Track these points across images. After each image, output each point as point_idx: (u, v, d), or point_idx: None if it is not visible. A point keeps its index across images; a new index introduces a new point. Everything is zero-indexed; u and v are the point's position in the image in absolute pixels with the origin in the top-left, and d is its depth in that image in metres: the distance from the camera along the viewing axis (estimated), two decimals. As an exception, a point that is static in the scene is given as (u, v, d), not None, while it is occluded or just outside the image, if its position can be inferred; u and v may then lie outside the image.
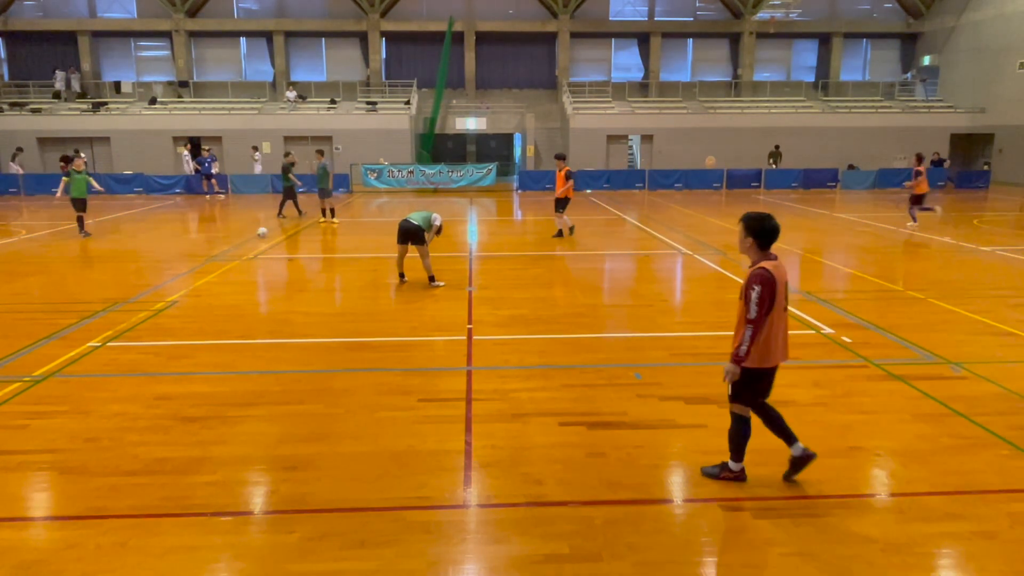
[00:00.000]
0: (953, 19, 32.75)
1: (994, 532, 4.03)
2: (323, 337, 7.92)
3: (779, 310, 4.28)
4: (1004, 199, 24.31)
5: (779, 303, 4.26)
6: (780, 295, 4.24)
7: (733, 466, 4.58)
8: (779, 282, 4.22)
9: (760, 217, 4.23)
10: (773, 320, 4.24)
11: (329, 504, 4.35)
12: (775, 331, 4.28)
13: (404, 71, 34.81)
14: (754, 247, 4.25)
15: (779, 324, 4.31)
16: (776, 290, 4.19)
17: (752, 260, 4.30)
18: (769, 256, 4.28)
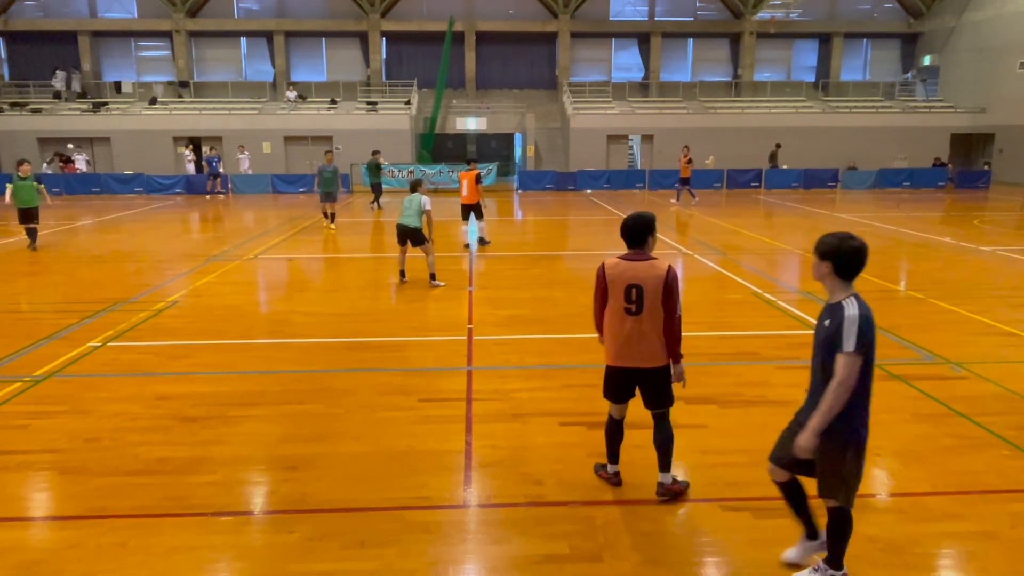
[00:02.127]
0: (953, 19, 32.74)
1: (995, 532, 4.03)
2: (323, 337, 7.92)
3: (615, 308, 4.15)
4: (1005, 199, 24.30)
5: (613, 299, 4.14)
6: (612, 292, 4.14)
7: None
8: (611, 280, 4.14)
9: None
10: (608, 316, 4.21)
11: (329, 504, 4.34)
12: (611, 329, 4.22)
13: (404, 71, 34.82)
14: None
15: (613, 322, 4.18)
16: (604, 285, 4.16)
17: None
18: (630, 252, 4.13)
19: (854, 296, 3.18)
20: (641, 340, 4.11)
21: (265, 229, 17.26)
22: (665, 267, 4.07)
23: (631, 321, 4.10)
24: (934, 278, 11.10)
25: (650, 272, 4.05)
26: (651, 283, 4.03)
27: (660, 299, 4.04)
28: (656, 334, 4.11)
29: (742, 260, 12.56)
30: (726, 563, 3.79)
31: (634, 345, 4.12)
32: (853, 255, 3.14)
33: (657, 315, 4.08)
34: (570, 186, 28.09)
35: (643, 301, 4.05)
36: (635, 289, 4.05)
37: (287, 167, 29.92)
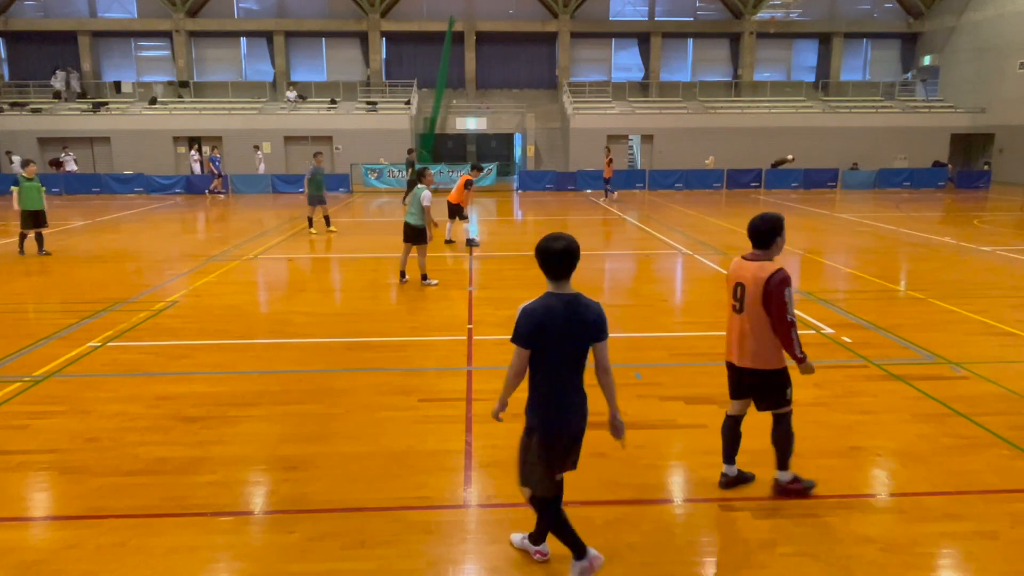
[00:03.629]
0: (953, 19, 32.74)
1: (995, 532, 4.03)
2: (323, 337, 7.92)
3: (728, 304, 4.33)
4: (1005, 199, 24.30)
5: (728, 298, 4.32)
6: (728, 290, 4.32)
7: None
8: (727, 277, 4.34)
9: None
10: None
11: (329, 504, 4.35)
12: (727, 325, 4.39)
13: (404, 71, 34.82)
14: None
15: (728, 318, 4.34)
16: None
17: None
18: (751, 252, 4.27)
19: (546, 294, 3.31)
20: (743, 339, 4.18)
21: (265, 229, 17.26)
22: (771, 270, 4.05)
23: (736, 319, 4.22)
24: (934, 278, 11.10)
25: (756, 273, 4.09)
26: (752, 284, 4.08)
27: (759, 301, 4.05)
28: (756, 335, 4.13)
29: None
30: (726, 563, 3.79)
31: (737, 342, 4.23)
32: (540, 254, 3.26)
33: (759, 316, 4.09)
34: (570, 186, 28.10)
35: (744, 300, 4.13)
36: (739, 287, 4.16)
37: (287, 167, 29.92)
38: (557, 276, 3.26)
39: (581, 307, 3.26)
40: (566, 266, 3.23)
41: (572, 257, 3.23)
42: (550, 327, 3.22)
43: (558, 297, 3.26)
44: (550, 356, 3.28)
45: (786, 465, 4.39)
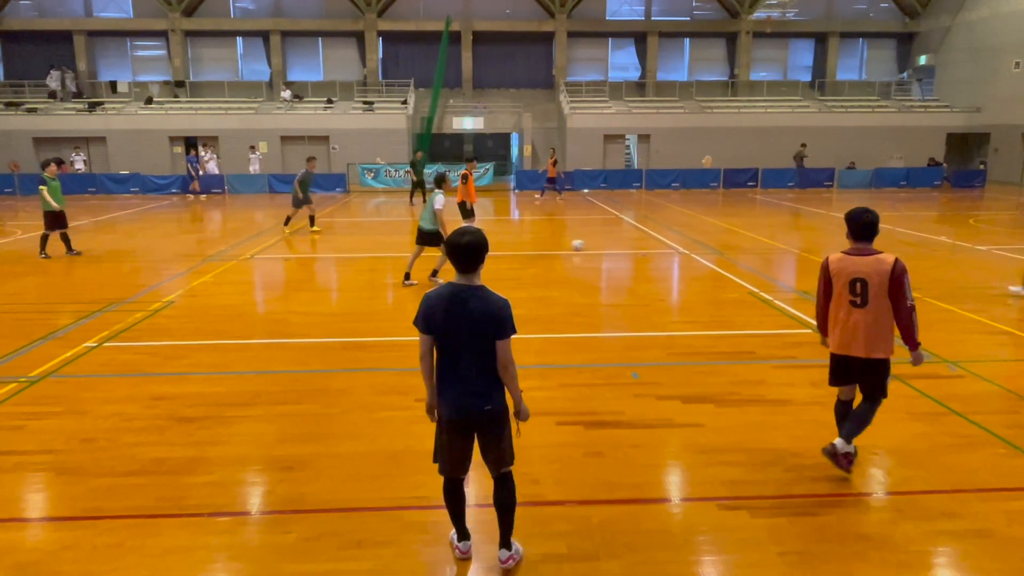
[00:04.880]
0: (949, 19, 32.81)
1: (990, 530, 4.04)
2: (320, 337, 7.91)
3: (839, 300, 4.40)
4: (1000, 198, 24.37)
5: (837, 293, 4.40)
6: (839, 286, 4.39)
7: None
8: (835, 274, 4.40)
9: (851, 211, 4.42)
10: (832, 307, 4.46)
11: (326, 504, 4.34)
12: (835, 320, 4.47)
13: (401, 71, 34.78)
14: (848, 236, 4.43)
15: (838, 314, 4.42)
16: (828, 279, 4.44)
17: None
18: (852, 248, 4.42)
19: (449, 283, 3.52)
20: (868, 331, 4.33)
21: (261, 229, 17.24)
22: (892, 261, 4.25)
23: (857, 313, 4.32)
24: (930, 277, 11.12)
25: (876, 267, 4.26)
26: (876, 277, 4.25)
27: (886, 292, 4.25)
28: (879, 326, 4.32)
29: (739, 259, 12.58)
30: (722, 562, 3.79)
31: (857, 336, 4.35)
32: (447, 247, 3.48)
33: (883, 307, 4.28)
34: (567, 185, 28.09)
35: (868, 294, 4.26)
36: (859, 283, 4.28)
37: (283, 167, 29.87)
38: (461, 268, 3.43)
39: (474, 299, 3.40)
40: (469, 260, 3.40)
41: (475, 251, 3.41)
42: (438, 313, 3.44)
43: (455, 287, 3.44)
44: (443, 342, 3.47)
45: (851, 439, 4.56)
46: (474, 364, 3.45)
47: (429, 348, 3.55)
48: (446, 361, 3.50)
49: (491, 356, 3.44)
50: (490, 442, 3.59)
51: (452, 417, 3.53)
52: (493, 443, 3.59)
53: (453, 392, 3.49)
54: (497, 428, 3.57)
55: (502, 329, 3.41)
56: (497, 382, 3.50)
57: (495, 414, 3.52)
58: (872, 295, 4.27)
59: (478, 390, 3.47)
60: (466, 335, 3.42)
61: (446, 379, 3.51)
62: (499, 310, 3.41)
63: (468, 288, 3.43)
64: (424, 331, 3.52)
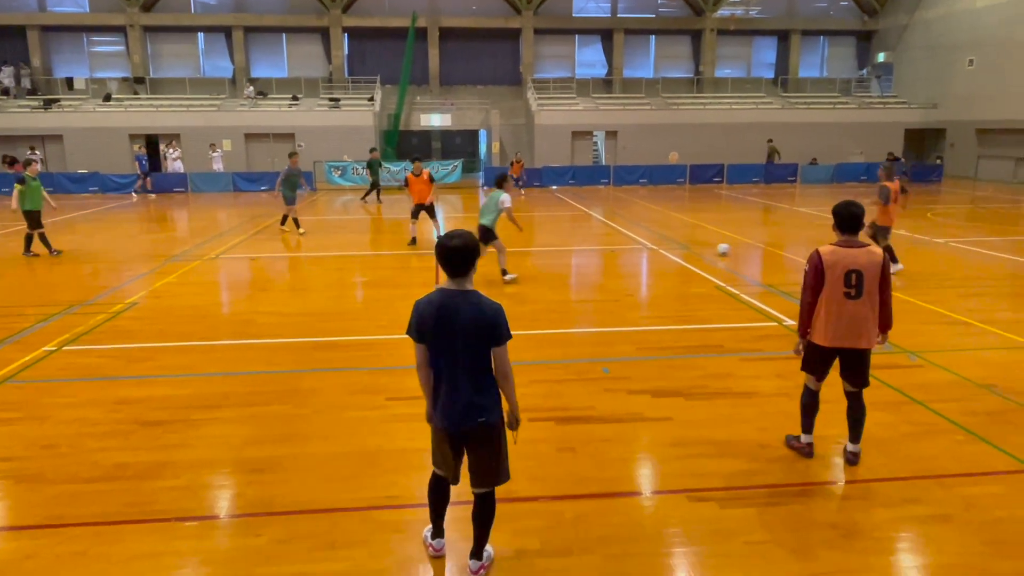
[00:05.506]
0: (906, 17, 33.58)
1: (950, 515, 4.16)
2: (289, 337, 7.82)
3: (832, 293, 4.41)
4: (956, 192, 25.05)
5: (832, 287, 4.40)
6: (832, 278, 4.39)
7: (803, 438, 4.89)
8: (829, 266, 4.39)
9: (838, 205, 4.50)
10: (824, 301, 4.45)
11: (297, 506, 4.30)
12: (828, 313, 4.46)
13: (367, 67, 34.47)
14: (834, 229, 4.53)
15: (830, 307, 4.44)
16: (821, 272, 4.42)
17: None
18: (841, 240, 4.46)
19: (438, 288, 3.38)
20: (861, 322, 4.40)
21: (226, 228, 16.96)
22: (880, 252, 4.38)
23: (852, 304, 4.37)
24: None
25: (869, 258, 4.34)
26: (870, 268, 4.33)
27: (877, 283, 4.35)
28: (873, 317, 4.42)
29: (705, 254, 12.73)
30: (693, 553, 3.85)
31: (853, 327, 4.40)
32: (436, 251, 3.34)
33: (874, 298, 4.38)
34: (536, 182, 28.16)
35: (863, 285, 4.33)
36: (855, 274, 4.33)
37: (248, 165, 29.41)
38: (451, 273, 3.31)
39: (466, 305, 3.27)
40: (459, 263, 3.28)
41: (465, 255, 3.29)
42: (428, 321, 3.30)
43: (446, 293, 3.31)
44: (436, 350, 3.35)
45: (859, 439, 4.73)
46: (468, 374, 3.33)
47: (426, 358, 3.39)
48: (439, 371, 3.37)
49: (485, 365, 3.34)
50: (482, 457, 3.47)
51: (445, 429, 3.42)
52: (485, 457, 3.46)
53: (447, 403, 3.37)
54: (491, 442, 3.45)
55: (498, 336, 3.29)
56: (493, 393, 3.39)
57: (490, 427, 3.40)
58: (866, 286, 4.35)
59: (472, 402, 3.35)
60: (459, 343, 3.29)
61: (439, 390, 3.39)
62: (493, 316, 3.28)
63: (459, 294, 3.31)
64: (418, 340, 3.37)
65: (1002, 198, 22.72)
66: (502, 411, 3.46)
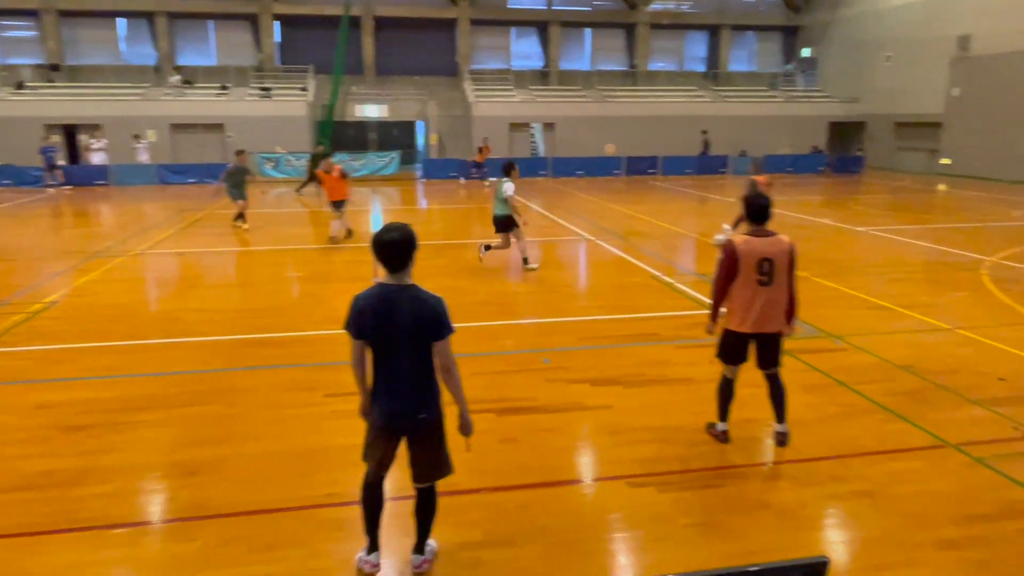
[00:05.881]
0: (829, 14, 34.88)
1: (874, 491, 4.37)
2: (221, 335, 7.59)
3: (746, 281, 4.56)
4: (876, 183, 26.24)
5: (746, 275, 4.55)
6: (746, 267, 4.55)
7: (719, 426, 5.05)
8: (743, 255, 4.53)
9: (748, 195, 4.77)
10: (737, 288, 4.61)
11: (233, 508, 4.18)
12: (743, 300, 4.62)
13: (300, 56, 33.59)
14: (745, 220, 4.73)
15: (745, 294, 4.60)
16: (735, 260, 4.57)
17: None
18: (753, 230, 4.62)
19: (378, 283, 3.34)
20: (773, 308, 4.60)
21: (153, 222, 16.30)
22: (789, 241, 4.59)
23: (764, 291, 4.55)
24: (816, 257, 11.86)
25: (779, 247, 4.54)
26: (781, 257, 4.53)
27: (787, 271, 4.55)
28: (782, 302, 4.62)
29: (641, 244, 12.97)
30: (633, 538, 3.93)
31: (767, 313, 4.59)
32: (373, 245, 3.27)
33: (784, 285, 4.58)
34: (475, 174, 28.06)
35: (774, 272, 4.51)
36: (767, 262, 4.51)
37: (174, 156, 28.30)
38: (389, 267, 3.24)
39: (406, 300, 3.22)
40: (397, 257, 3.22)
41: (403, 248, 3.22)
42: (368, 316, 3.23)
43: (385, 287, 3.25)
44: (377, 346, 3.28)
45: (784, 418, 4.92)
46: (408, 369, 3.27)
47: (361, 354, 3.34)
48: (379, 367, 3.31)
49: (426, 360, 3.29)
50: (423, 453, 3.42)
51: (384, 425, 3.37)
52: (426, 453, 3.42)
53: (386, 400, 3.33)
54: (432, 438, 3.41)
55: (439, 329, 3.25)
56: (433, 388, 3.35)
57: (430, 423, 3.37)
58: (777, 273, 4.54)
59: (413, 398, 3.31)
60: (400, 338, 3.23)
61: (379, 386, 3.34)
62: (435, 310, 3.24)
63: (399, 288, 3.24)
64: (355, 336, 3.29)
65: (917, 188, 23.93)
66: (441, 407, 3.42)
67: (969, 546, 3.80)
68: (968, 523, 4.00)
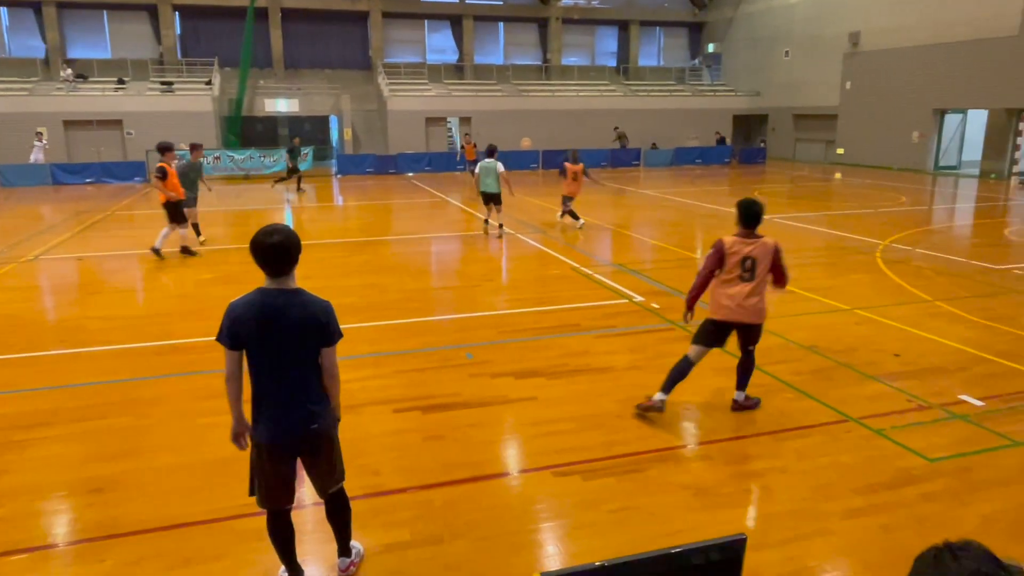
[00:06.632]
0: (732, 10, 36.27)
1: (785, 467, 4.60)
2: (126, 343, 7.20)
3: (730, 275, 5.08)
4: (778, 172, 27.51)
5: (728, 268, 5.07)
6: (731, 263, 5.07)
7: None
8: (728, 252, 5.05)
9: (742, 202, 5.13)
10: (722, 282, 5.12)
11: (145, 524, 3.99)
12: (726, 293, 5.12)
13: (203, 49, 32.17)
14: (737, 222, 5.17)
15: (728, 288, 5.10)
16: (722, 256, 5.08)
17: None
18: (742, 232, 5.08)
19: (257, 289, 3.10)
20: (751, 299, 5.06)
21: (47, 225, 15.27)
22: (773, 243, 5.07)
23: (743, 286, 5.05)
24: (726, 246, 12.33)
25: (763, 249, 5.03)
26: (764, 255, 5.02)
27: (768, 267, 5.04)
28: (761, 295, 5.09)
29: (560, 237, 13.14)
30: (560, 526, 3.99)
31: (746, 305, 5.06)
32: (252, 249, 3.00)
33: (764, 280, 5.09)
34: (391, 169, 27.71)
35: (756, 270, 5.02)
36: (750, 260, 5.02)
37: (68, 155, 26.60)
38: (272, 272, 3.03)
39: (291, 305, 3.03)
40: (280, 261, 3.00)
41: (287, 252, 2.99)
42: (248, 324, 3.00)
43: (266, 293, 3.04)
44: (257, 356, 3.06)
45: (745, 387, 5.42)
46: (296, 379, 3.08)
47: (237, 366, 3.06)
48: (261, 379, 3.08)
49: (314, 368, 3.11)
50: (317, 464, 3.27)
51: (273, 442, 3.13)
52: (321, 463, 3.27)
53: (272, 414, 3.09)
54: (325, 448, 3.25)
55: (328, 335, 3.09)
56: (322, 397, 3.18)
57: (323, 432, 3.20)
58: (759, 271, 5.04)
59: (303, 409, 3.10)
60: (286, 347, 3.03)
61: (263, 400, 3.10)
62: (323, 315, 3.07)
63: (282, 293, 3.03)
64: (231, 347, 3.03)
65: (815, 177, 25.25)
66: (332, 414, 3.27)
67: (872, 513, 4.05)
68: (870, 491, 4.27)
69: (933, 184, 22.81)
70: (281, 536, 3.34)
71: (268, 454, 3.17)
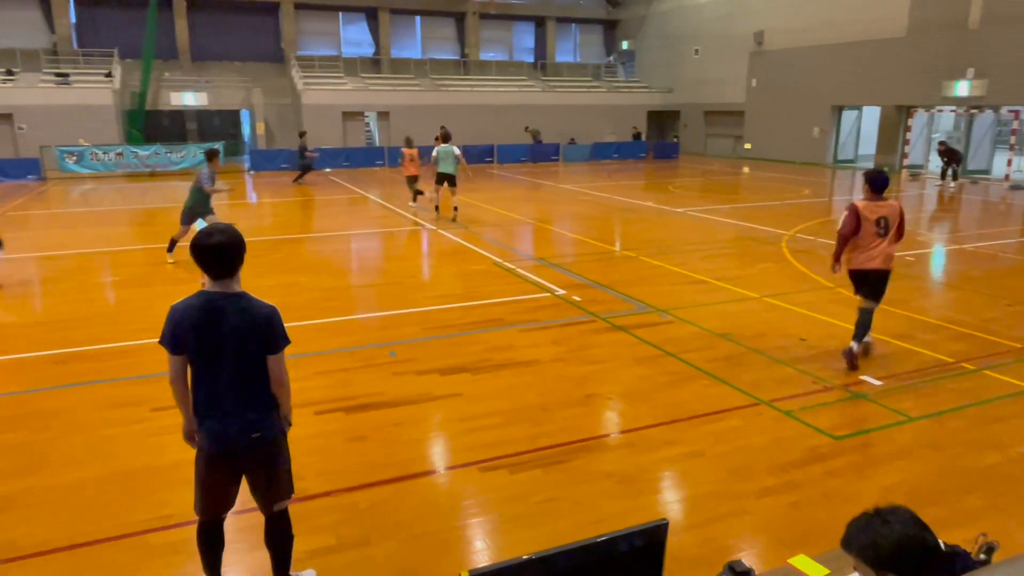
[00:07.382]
0: (644, 9, 37.17)
1: (702, 451, 4.77)
2: (22, 352, 6.74)
3: (866, 234, 6.05)
4: (690, 167, 28.44)
5: (865, 228, 6.04)
6: (867, 223, 6.04)
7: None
8: (863, 215, 6.01)
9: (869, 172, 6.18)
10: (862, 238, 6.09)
11: (49, 545, 3.75)
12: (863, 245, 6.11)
13: (102, 39, 30.36)
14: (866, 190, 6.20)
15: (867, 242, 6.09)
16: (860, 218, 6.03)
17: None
18: (872, 197, 6.09)
19: (199, 292, 2.98)
20: (887, 252, 6.10)
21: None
22: (899, 204, 6.14)
23: (882, 241, 6.06)
24: (642, 238, 12.67)
25: (892, 208, 6.08)
26: (893, 214, 6.07)
27: (897, 224, 6.08)
28: (893, 247, 6.14)
29: (482, 232, 13.16)
30: (488, 521, 4.01)
31: (886, 256, 6.10)
32: (193, 251, 2.90)
33: (895, 235, 6.11)
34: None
35: (888, 227, 6.06)
36: (883, 220, 6.04)
37: (-50, 152, 24.62)
38: (214, 274, 2.90)
39: (234, 310, 2.90)
40: (223, 263, 2.89)
41: (229, 253, 2.89)
42: (188, 328, 2.88)
43: (209, 296, 2.91)
44: (201, 361, 2.94)
45: (862, 338, 6.24)
46: (238, 386, 2.95)
47: (181, 370, 2.95)
48: (203, 384, 2.96)
49: (258, 374, 2.97)
50: (260, 475, 3.11)
51: (214, 450, 3.01)
52: (264, 475, 3.11)
53: (214, 421, 2.98)
54: (270, 457, 3.09)
55: (274, 342, 2.94)
56: (267, 404, 3.03)
57: (265, 441, 3.03)
58: (891, 226, 6.05)
59: (244, 416, 2.98)
60: (227, 352, 2.90)
61: (204, 406, 2.98)
62: (267, 320, 2.92)
63: (225, 296, 2.90)
64: (173, 351, 2.92)
65: (725, 171, 26.25)
66: (278, 423, 3.12)
67: (784, 491, 4.26)
68: (781, 471, 4.49)
69: (833, 177, 24.13)
70: (210, 547, 3.20)
71: (208, 462, 3.06)
